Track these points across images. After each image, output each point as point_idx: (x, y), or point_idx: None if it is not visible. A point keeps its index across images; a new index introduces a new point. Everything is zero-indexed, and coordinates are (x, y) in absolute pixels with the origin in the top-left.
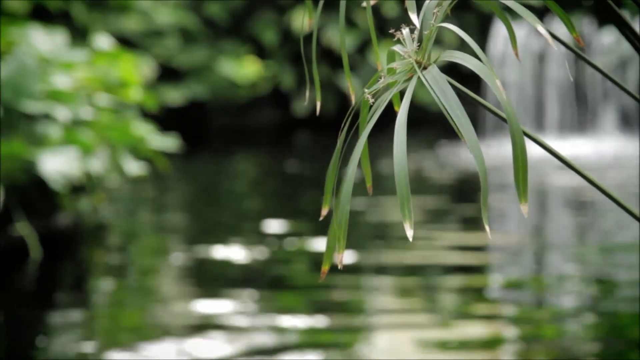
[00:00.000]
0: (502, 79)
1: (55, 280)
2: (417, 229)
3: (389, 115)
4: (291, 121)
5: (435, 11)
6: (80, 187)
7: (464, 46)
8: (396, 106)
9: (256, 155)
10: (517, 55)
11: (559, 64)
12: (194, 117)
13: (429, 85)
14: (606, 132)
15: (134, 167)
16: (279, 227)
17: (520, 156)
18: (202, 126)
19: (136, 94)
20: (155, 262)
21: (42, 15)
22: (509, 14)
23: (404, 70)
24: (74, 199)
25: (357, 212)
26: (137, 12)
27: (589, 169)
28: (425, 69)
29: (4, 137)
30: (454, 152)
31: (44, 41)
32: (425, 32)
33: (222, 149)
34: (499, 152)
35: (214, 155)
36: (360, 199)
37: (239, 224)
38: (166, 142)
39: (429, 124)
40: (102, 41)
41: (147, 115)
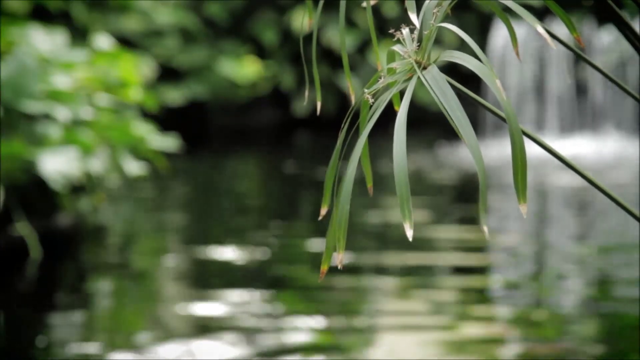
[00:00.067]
0: (502, 79)
1: (55, 280)
2: (417, 229)
3: (389, 115)
4: (291, 121)
5: (435, 11)
6: (80, 187)
7: (464, 46)
8: (396, 106)
9: (256, 155)
10: (518, 54)
11: (559, 64)
12: (194, 117)
13: (429, 85)
14: (606, 132)
15: (134, 167)
16: (278, 227)
17: (519, 156)
18: (202, 126)
19: (136, 94)
20: (155, 262)
21: (42, 15)
22: (508, 14)
23: (403, 70)
24: (74, 199)
25: (357, 212)
26: (137, 12)
27: (588, 169)
28: (425, 69)
29: (4, 137)
30: (453, 152)
31: (44, 41)
32: (425, 32)
33: (222, 149)
34: (499, 152)
35: (214, 155)
36: (360, 199)
37: (239, 224)
38: (166, 142)
39: (429, 124)
40: (102, 41)
41: (147, 115)
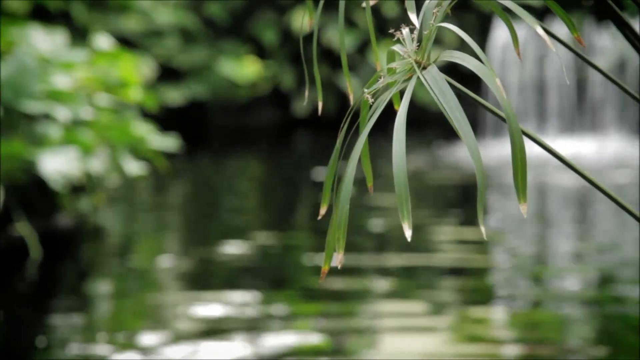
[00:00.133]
0: (502, 79)
1: (55, 280)
2: (417, 229)
3: (389, 114)
4: (291, 121)
5: (435, 11)
6: (80, 187)
7: (464, 46)
8: (396, 105)
9: (256, 155)
10: (519, 54)
11: (559, 64)
12: (194, 117)
13: (428, 85)
14: (606, 132)
15: (134, 167)
16: (279, 227)
17: (519, 156)
18: (202, 126)
19: (136, 94)
20: (155, 262)
21: (42, 15)
22: (508, 14)
23: (403, 70)
24: (74, 199)
25: (357, 213)
26: (137, 12)
27: (588, 169)
28: (424, 68)
29: (4, 137)
30: (451, 152)
31: (44, 41)
32: (425, 32)
33: (222, 149)
34: (499, 152)
35: (214, 155)
36: (359, 199)
37: (239, 224)
38: (166, 142)
39: (428, 124)
40: (102, 41)
41: (147, 115)
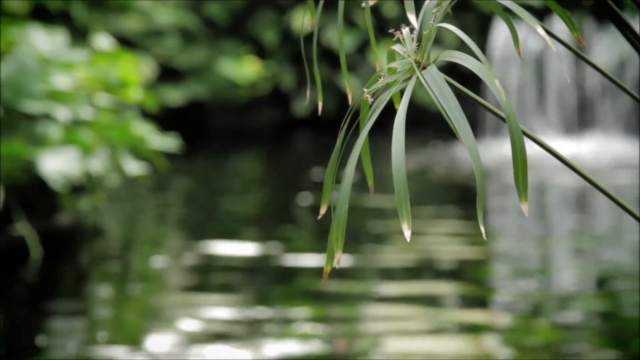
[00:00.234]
0: (502, 79)
1: (55, 280)
2: (416, 229)
3: (389, 114)
4: (291, 121)
5: (434, 11)
6: (80, 187)
7: (464, 46)
8: (397, 105)
9: (256, 155)
10: (519, 54)
11: (559, 63)
12: (194, 117)
13: (428, 85)
14: (606, 132)
15: (134, 167)
16: (279, 228)
17: (519, 155)
18: (202, 126)
19: (136, 94)
20: (155, 262)
21: (42, 15)
22: (509, 14)
23: (403, 69)
24: (74, 199)
25: (357, 212)
26: (137, 12)
27: (588, 169)
28: (424, 68)
29: (4, 137)
30: (449, 152)
31: (44, 41)
32: (425, 32)
33: (222, 149)
34: (500, 152)
35: (214, 155)
36: (359, 199)
37: (240, 224)
38: (166, 142)
39: (428, 123)
40: (102, 41)
41: (147, 115)
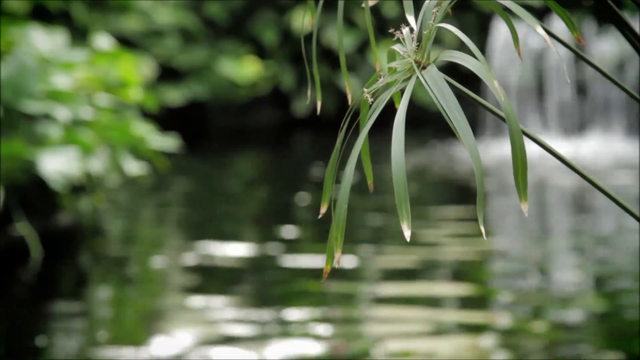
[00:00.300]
0: (502, 79)
1: (55, 280)
2: (416, 229)
3: (389, 114)
4: (291, 121)
5: (434, 11)
6: (80, 187)
7: (464, 46)
8: (396, 104)
9: (256, 155)
10: (519, 54)
11: (559, 63)
12: (194, 117)
13: (427, 85)
14: (606, 132)
15: (134, 167)
16: (279, 228)
17: (519, 155)
18: (202, 126)
19: (136, 94)
20: (155, 262)
21: (42, 15)
22: (509, 14)
23: (403, 69)
24: (74, 199)
25: (357, 212)
26: (137, 12)
27: (589, 169)
28: (424, 68)
29: (4, 137)
30: (451, 152)
31: (44, 41)
32: (425, 32)
33: (222, 149)
34: (500, 152)
35: (214, 155)
36: (359, 199)
37: (240, 225)
38: (166, 142)
39: (428, 123)
40: (102, 41)
41: (147, 115)
